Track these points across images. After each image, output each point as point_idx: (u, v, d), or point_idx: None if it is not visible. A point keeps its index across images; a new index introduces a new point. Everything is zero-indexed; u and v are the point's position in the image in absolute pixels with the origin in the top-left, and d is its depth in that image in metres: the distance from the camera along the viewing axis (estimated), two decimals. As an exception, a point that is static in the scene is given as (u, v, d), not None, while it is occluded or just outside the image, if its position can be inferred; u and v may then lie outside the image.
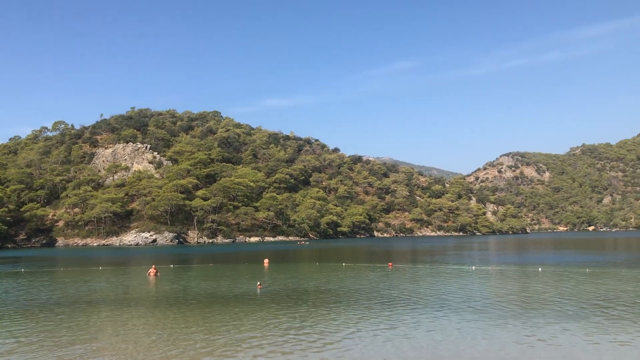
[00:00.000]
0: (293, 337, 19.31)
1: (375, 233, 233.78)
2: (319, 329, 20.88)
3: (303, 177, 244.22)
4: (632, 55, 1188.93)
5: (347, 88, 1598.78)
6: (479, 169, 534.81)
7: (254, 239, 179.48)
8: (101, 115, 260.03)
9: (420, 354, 16.80)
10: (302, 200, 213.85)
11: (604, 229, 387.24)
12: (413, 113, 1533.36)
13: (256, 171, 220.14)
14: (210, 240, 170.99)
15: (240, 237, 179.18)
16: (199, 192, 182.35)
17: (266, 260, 61.65)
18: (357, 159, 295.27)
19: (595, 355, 16.33)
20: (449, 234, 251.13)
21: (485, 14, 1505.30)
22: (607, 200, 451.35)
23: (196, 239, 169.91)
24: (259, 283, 35.77)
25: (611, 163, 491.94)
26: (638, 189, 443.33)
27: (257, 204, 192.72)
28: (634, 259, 61.70)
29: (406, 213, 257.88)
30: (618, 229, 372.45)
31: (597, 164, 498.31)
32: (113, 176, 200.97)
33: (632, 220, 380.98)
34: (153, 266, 47.75)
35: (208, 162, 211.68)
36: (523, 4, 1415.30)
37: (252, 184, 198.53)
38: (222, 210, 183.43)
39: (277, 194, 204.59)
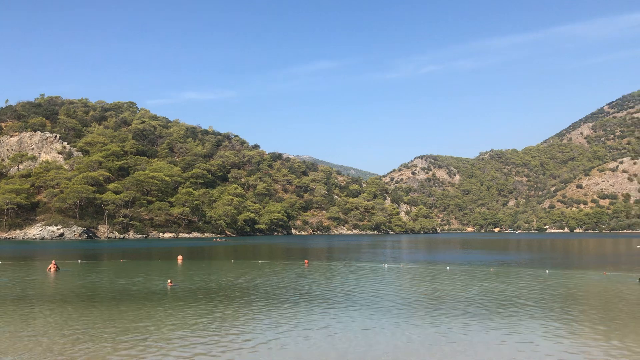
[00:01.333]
0: (200, 337, 18.96)
1: (293, 230, 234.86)
2: (227, 327, 20.70)
3: (221, 173, 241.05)
4: (538, 67, 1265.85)
5: (269, 85, 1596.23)
6: (394, 170, 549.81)
7: (167, 235, 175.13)
8: (6, 101, 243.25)
9: (330, 351, 17.06)
10: (220, 196, 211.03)
11: (508, 231, 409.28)
12: (334, 113, 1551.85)
13: (172, 165, 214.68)
14: (122, 236, 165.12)
15: (154, 232, 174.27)
16: (111, 185, 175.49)
17: (180, 257, 60.41)
18: (277, 157, 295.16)
19: (497, 350, 17.21)
20: (364, 232, 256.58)
21: (405, 19, 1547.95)
22: (511, 203, 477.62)
23: (107, 233, 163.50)
24: (169, 280, 35.00)
25: (517, 168, 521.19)
26: (540, 193, 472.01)
27: (172, 199, 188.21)
28: (534, 259, 65.75)
29: (324, 211, 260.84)
30: (521, 231, 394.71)
31: (504, 168, 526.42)
32: (18, 166, 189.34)
33: (534, 222, 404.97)
34: (53, 261, 45.67)
35: (121, 155, 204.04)
36: (441, 13, 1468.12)
37: (167, 178, 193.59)
38: (135, 204, 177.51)
39: (193, 189, 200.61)
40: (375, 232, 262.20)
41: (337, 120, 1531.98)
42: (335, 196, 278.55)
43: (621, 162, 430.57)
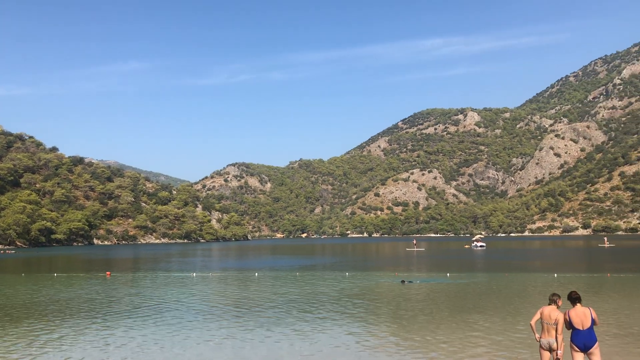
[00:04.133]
0: None
1: (95, 240, 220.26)
2: (5, 347, 19.12)
3: (12, 178, 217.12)
4: (343, 83, 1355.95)
5: (71, 83, 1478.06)
6: (206, 177, 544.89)
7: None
8: None
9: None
10: (10, 203, 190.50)
11: (315, 236, 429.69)
12: (144, 116, 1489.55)
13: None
14: None
15: None
16: None
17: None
18: (78, 161, 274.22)
19: (300, 351, 18.29)
20: (174, 241, 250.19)
21: (222, 25, 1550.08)
22: (318, 210, 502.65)
23: None
24: None
25: (323, 177, 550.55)
26: (343, 200, 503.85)
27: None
28: (336, 263, 70.41)
29: (130, 220, 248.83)
30: (326, 236, 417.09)
31: (312, 177, 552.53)
32: None
33: (338, 228, 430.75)
34: None
35: None
36: (257, 23, 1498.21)
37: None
38: None
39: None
40: (186, 240, 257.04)
41: (147, 124, 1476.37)
42: (143, 204, 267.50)
43: (412, 173, 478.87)
